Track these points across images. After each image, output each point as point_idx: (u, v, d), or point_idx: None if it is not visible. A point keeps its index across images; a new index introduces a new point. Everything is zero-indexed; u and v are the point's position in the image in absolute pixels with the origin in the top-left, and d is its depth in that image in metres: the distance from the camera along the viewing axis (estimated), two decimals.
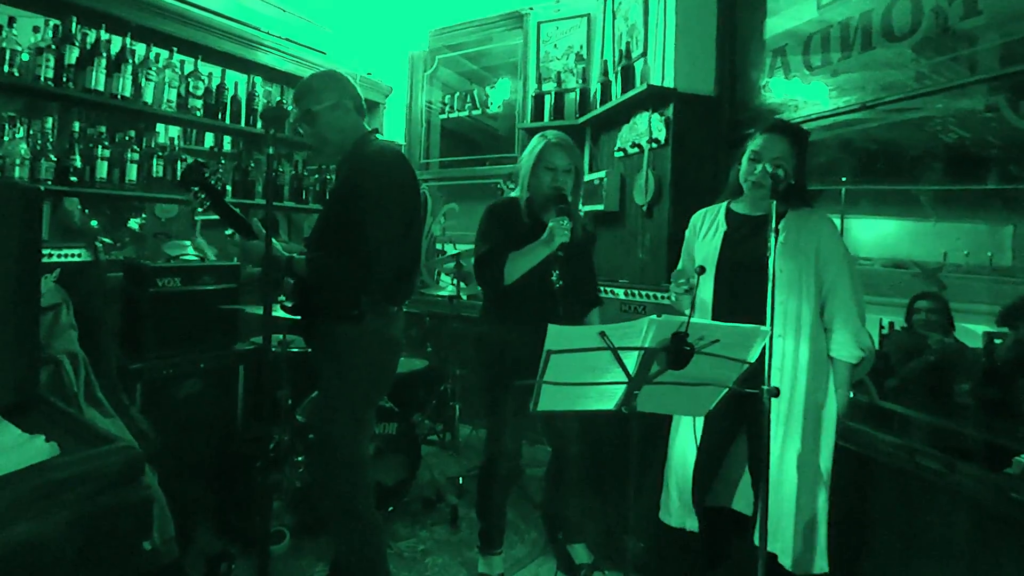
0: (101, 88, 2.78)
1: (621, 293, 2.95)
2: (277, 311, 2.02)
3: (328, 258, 1.88)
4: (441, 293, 3.78)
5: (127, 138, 2.97)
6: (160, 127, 3.31)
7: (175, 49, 3.12)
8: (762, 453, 1.57)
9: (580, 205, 2.51)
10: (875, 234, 2.72)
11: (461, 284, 3.65)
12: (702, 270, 1.80)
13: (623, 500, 1.61)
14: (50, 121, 2.73)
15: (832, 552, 1.82)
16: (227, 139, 3.76)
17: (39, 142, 2.65)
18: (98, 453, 1.36)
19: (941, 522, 1.84)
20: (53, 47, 2.63)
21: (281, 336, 2.60)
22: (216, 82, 3.36)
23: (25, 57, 2.58)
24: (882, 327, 2.38)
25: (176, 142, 3.27)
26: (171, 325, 2.69)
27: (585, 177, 3.64)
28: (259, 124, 3.44)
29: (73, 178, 2.75)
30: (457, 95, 4.55)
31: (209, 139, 3.74)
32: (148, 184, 3.05)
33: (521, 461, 2.40)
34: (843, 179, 2.61)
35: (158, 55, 3.05)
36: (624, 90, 3.25)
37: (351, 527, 1.93)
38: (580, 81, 3.80)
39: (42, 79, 2.60)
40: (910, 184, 2.46)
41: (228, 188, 3.42)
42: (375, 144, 1.97)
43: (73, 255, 2.72)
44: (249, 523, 2.42)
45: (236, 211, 1.90)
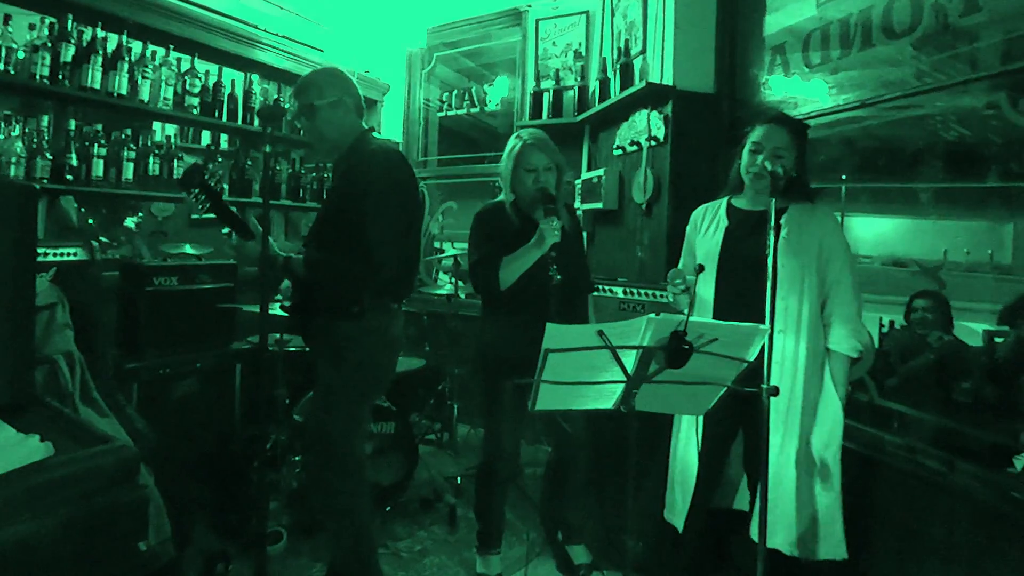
0: (97, 86, 2.76)
1: (620, 292, 2.93)
2: (274, 309, 2.02)
3: (328, 256, 1.88)
4: (439, 292, 3.78)
5: (123, 136, 2.96)
6: (156, 125, 3.29)
7: (171, 47, 3.10)
8: (760, 450, 1.57)
9: (570, 200, 2.49)
10: (875, 232, 2.71)
11: (459, 283, 3.64)
12: (701, 269, 1.79)
13: (622, 500, 1.60)
14: (46, 119, 2.72)
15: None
16: (224, 137, 3.75)
17: (35, 140, 2.64)
18: (93, 453, 1.35)
19: (941, 521, 1.83)
20: (49, 45, 2.61)
21: (278, 335, 2.60)
22: (213, 80, 3.34)
23: (21, 55, 2.57)
24: (882, 325, 2.37)
25: (173, 140, 3.25)
26: (168, 324, 2.69)
27: (584, 175, 3.64)
28: (256, 122, 3.43)
29: (69, 176, 2.74)
30: (455, 93, 4.52)
31: (206, 137, 3.73)
32: (144, 182, 3.04)
33: (520, 461, 2.39)
34: (843, 177, 2.61)
35: (154, 53, 3.04)
36: (623, 88, 3.23)
37: (344, 524, 1.94)
38: (579, 79, 3.79)
39: (38, 77, 2.58)
40: (910, 182, 2.46)
41: (225, 187, 3.42)
42: (374, 143, 1.98)
43: (69, 254, 2.71)
44: (246, 523, 2.41)
45: (234, 211, 1.90)
